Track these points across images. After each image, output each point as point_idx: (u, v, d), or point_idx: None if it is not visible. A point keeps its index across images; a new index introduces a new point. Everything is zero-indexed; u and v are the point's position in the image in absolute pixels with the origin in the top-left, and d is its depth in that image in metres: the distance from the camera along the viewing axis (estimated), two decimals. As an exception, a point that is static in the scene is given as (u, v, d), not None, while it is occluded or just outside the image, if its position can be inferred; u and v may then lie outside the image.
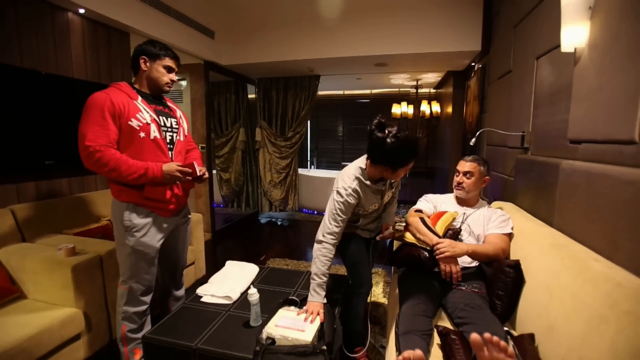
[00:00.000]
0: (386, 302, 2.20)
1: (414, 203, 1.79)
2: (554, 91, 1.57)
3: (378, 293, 2.32)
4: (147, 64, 1.37)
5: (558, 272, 1.05)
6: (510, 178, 2.07)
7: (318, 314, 1.19)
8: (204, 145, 3.58)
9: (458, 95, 3.69)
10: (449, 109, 3.93)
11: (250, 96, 4.53)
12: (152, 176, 1.28)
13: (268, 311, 1.26)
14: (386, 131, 1.28)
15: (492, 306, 1.24)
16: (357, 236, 1.55)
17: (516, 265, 1.23)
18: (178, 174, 1.33)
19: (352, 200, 1.34)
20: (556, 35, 1.55)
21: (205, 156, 3.58)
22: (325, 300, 1.27)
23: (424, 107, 4.10)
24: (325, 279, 1.27)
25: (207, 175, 1.52)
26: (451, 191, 1.73)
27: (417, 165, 5.47)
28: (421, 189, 5.53)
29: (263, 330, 1.10)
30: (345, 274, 1.64)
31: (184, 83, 3.86)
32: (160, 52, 1.37)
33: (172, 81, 1.43)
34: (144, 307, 1.40)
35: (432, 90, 5.14)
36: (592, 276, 0.93)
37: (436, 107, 4.17)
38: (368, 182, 1.38)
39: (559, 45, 1.53)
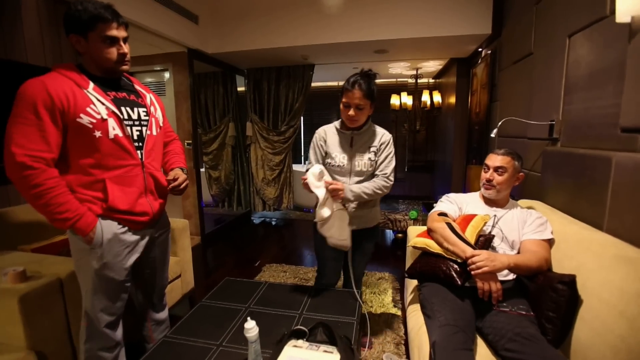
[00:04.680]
0: (399, 313, 1.98)
1: (414, 198, 1.59)
2: (596, 72, 1.35)
3: (387, 302, 2.10)
4: (81, 43, 1.01)
5: (637, 295, 0.83)
6: (533, 173, 1.86)
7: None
8: (190, 141, 3.29)
9: (462, 84, 3.47)
10: (452, 99, 3.71)
11: (239, 88, 4.22)
12: (78, 227, 1.00)
13: (270, 345, 1.01)
14: None
15: (542, 330, 1.03)
16: None
17: (571, 282, 1.02)
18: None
19: (318, 138, 1.48)
20: (598, 6, 1.33)
21: (192, 153, 3.29)
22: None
23: (425, 97, 3.87)
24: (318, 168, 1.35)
25: (183, 185, 1.25)
26: (457, 186, 1.52)
27: (416, 158, 5.28)
28: (420, 183, 5.35)
29: (265, 377, 0.86)
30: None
31: (166, 74, 3.53)
32: (87, 18, 0.97)
33: (124, 55, 1.06)
34: (112, 344, 1.14)
35: (431, 80, 4.92)
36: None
37: (437, 98, 3.95)
38: (338, 126, 1.47)
39: (602, 18, 1.31)
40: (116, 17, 1.03)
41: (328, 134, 1.47)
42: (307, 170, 1.33)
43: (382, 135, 1.47)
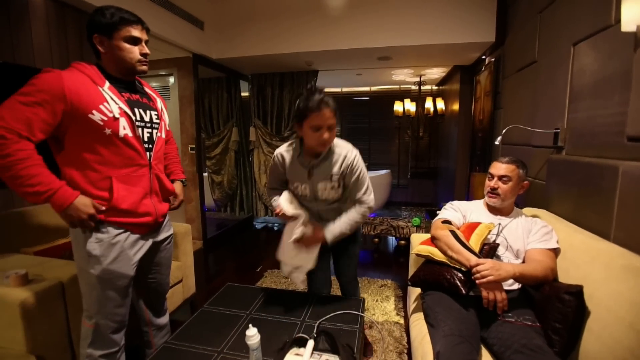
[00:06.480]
0: (401, 321, 1.96)
1: (417, 205, 1.57)
2: (601, 80, 1.35)
3: (390, 310, 2.08)
4: (104, 42, 1.05)
5: (647, 306, 0.82)
6: (537, 181, 1.85)
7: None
8: (193, 146, 3.30)
9: (465, 91, 3.47)
10: (455, 106, 3.71)
11: (243, 94, 4.25)
12: (54, 201, 0.94)
13: (272, 353, 1.00)
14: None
15: (549, 342, 1.01)
16: None
17: (578, 292, 1.00)
18: (85, 217, 0.98)
19: (276, 161, 1.40)
20: (603, 14, 1.33)
21: (195, 158, 3.30)
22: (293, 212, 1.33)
23: (429, 104, 3.88)
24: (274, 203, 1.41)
25: (178, 200, 1.33)
26: (460, 194, 1.51)
27: (419, 165, 5.27)
28: (424, 189, 5.33)
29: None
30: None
31: (171, 79, 3.56)
32: (115, 21, 1.03)
33: (146, 55, 1.11)
34: (115, 349, 1.13)
35: (435, 87, 4.94)
36: None
37: (441, 104, 3.95)
38: (297, 151, 1.34)
39: (608, 27, 1.31)
40: (141, 23, 1.10)
41: (286, 159, 1.35)
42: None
43: (344, 158, 1.28)
